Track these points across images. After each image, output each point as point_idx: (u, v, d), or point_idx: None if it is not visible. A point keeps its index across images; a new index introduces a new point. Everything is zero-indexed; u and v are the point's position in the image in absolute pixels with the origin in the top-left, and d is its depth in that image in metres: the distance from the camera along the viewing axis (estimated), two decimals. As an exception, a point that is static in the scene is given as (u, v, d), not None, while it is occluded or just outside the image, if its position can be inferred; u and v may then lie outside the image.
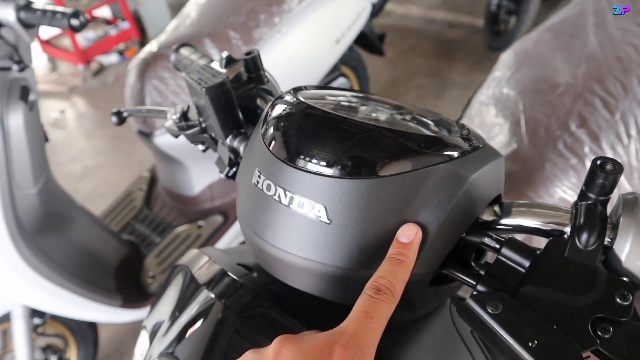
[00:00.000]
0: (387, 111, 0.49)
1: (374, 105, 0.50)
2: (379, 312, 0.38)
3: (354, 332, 0.37)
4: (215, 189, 1.98)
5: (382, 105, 0.50)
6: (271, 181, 0.44)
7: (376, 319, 0.38)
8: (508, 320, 0.38)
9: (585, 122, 1.09)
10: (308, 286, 0.47)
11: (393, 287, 0.40)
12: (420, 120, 0.48)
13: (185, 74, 0.61)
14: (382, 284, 0.40)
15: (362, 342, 0.36)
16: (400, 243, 0.42)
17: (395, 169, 0.41)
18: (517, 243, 0.43)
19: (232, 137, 0.60)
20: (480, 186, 0.45)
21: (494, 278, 0.42)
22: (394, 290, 0.40)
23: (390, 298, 0.39)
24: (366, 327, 0.37)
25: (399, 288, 0.40)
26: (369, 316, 0.38)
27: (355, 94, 0.53)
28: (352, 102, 0.50)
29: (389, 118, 0.47)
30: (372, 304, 0.39)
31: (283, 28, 1.83)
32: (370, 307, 0.38)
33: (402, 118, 0.48)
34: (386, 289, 0.39)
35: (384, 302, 0.39)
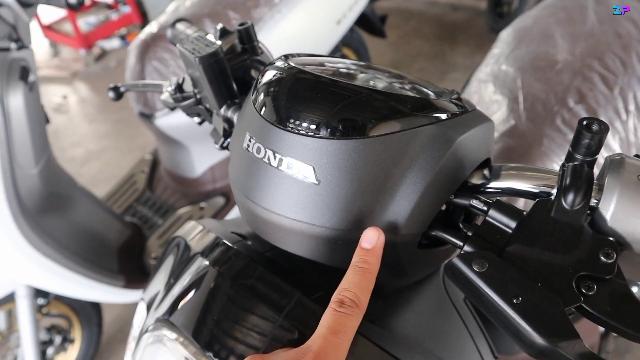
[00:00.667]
0: (377, 76, 0.49)
1: (363, 70, 0.51)
2: (344, 327, 0.38)
3: (319, 350, 0.37)
4: (217, 171, 1.99)
5: (372, 71, 0.51)
6: (261, 144, 0.45)
7: (341, 333, 0.38)
8: (493, 278, 0.38)
9: (583, 97, 1.08)
10: (298, 248, 0.47)
11: (358, 299, 0.40)
12: (410, 85, 0.49)
13: (179, 45, 0.61)
14: (346, 296, 0.40)
15: (328, 358, 0.37)
16: (363, 250, 0.42)
17: (383, 130, 0.41)
18: (504, 204, 0.43)
19: (226, 107, 0.61)
20: (468, 148, 0.45)
21: (480, 238, 0.42)
22: (358, 302, 0.40)
23: (355, 310, 0.39)
24: (332, 343, 0.37)
25: (364, 299, 0.40)
26: (334, 331, 0.38)
27: (345, 61, 0.54)
28: (342, 67, 0.51)
29: (378, 82, 0.48)
30: (337, 318, 0.39)
31: (283, 8, 1.82)
32: (335, 322, 0.39)
33: (391, 82, 0.48)
34: (350, 302, 0.40)
35: (348, 315, 0.39)
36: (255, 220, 0.49)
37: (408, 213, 0.43)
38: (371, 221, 0.43)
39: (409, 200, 0.42)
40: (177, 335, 0.52)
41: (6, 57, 1.30)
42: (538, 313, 0.36)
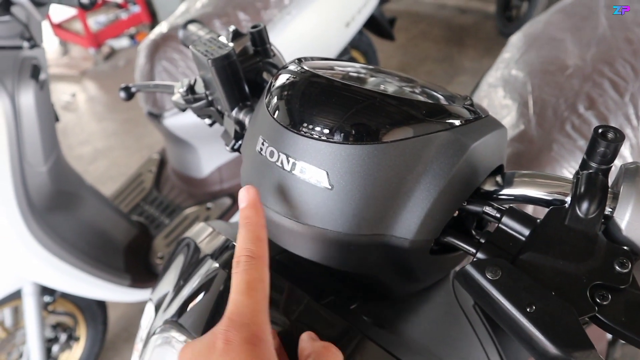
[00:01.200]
0: (390, 80, 0.49)
1: (376, 75, 0.50)
2: (249, 282, 0.38)
3: (231, 314, 0.36)
4: (224, 172, 1.99)
5: (385, 76, 0.51)
6: (274, 148, 0.45)
7: (249, 289, 0.37)
8: (507, 286, 0.38)
9: (593, 103, 1.08)
10: (310, 253, 0.47)
11: (250, 252, 0.39)
12: (423, 90, 0.49)
13: (191, 47, 0.61)
14: (239, 254, 0.40)
15: (243, 318, 0.36)
16: (241, 209, 0.42)
17: (397, 135, 0.41)
18: (518, 212, 0.43)
19: (237, 110, 0.61)
20: (482, 155, 0.45)
21: (493, 245, 0.42)
22: (252, 253, 0.39)
23: (252, 262, 0.39)
24: (242, 302, 0.37)
25: (257, 248, 0.40)
26: (240, 291, 0.37)
27: (358, 65, 0.54)
28: (355, 72, 0.50)
29: (391, 87, 0.47)
30: (238, 277, 0.38)
31: (293, 10, 1.83)
32: (238, 282, 0.38)
33: (404, 87, 0.48)
34: (245, 257, 0.39)
35: (248, 270, 0.38)
36: (267, 225, 0.48)
37: (421, 219, 0.42)
38: (384, 226, 0.43)
39: (422, 206, 0.42)
40: (185, 338, 0.52)
41: (18, 56, 1.31)
42: (552, 322, 0.36)
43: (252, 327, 0.35)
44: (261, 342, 0.35)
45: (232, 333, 0.35)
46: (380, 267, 0.47)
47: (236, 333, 0.35)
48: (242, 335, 0.35)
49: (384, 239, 0.43)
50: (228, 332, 0.35)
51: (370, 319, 0.49)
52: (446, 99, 0.48)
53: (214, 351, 0.34)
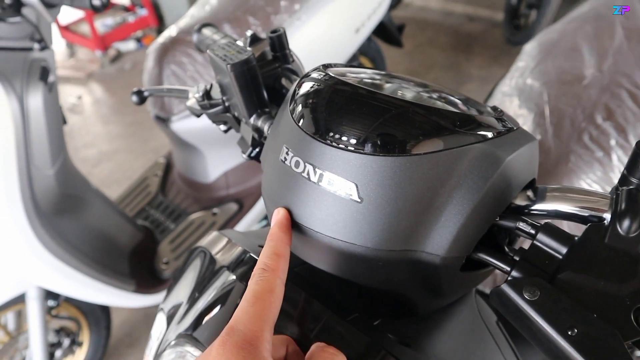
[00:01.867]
0: (418, 89, 0.47)
1: (403, 83, 0.49)
2: (259, 293, 0.39)
3: (232, 322, 0.37)
4: (231, 177, 1.97)
5: (411, 84, 0.49)
6: (300, 157, 0.43)
7: (258, 299, 0.38)
8: (546, 307, 0.36)
9: (611, 114, 1.06)
10: (335, 267, 0.45)
11: (265, 265, 0.41)
12: (452, 100, 0.47)
13: (209, 51, 0.59)
14: (256, 267, 0.41)
15: (241, 325, 0.36)
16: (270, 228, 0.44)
17: (431, 147, 0.39)
18: (554, 228, 0.41)
19: (256, 116, 0.59)
20: (515, 169, 0.43)
21: (529, 264, 0.40)
22: (266, 267, 0.41)
23: (266, 274, 0.40)
24: (244, 310, 0.38)
25: (273, 262, 0.41)
26: (246, 300, 0.38)
27: (383, 72, 0.52)
28: (381, 79, 0.49)
29: (420, 96, 0.46)
30: (249, 289, 0.39)
31: (303, 15, 1.81)
32: (250, 293, 0.39)
33: (433, 96, 0.46)
34: (259, 270, 0.40)
35: (260, 282, 0.40)
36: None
37: (453, 235, 0.41)
38: (415, 242, 0.41)
39: (454, 221, 0.40)
40: (200, 352, 0.50)
41: (27, 57, 1.29)
42: (595, 346, 0.34)
43: (247, 334, 0.36)
44: (255, 350, 0.35)
45: (227, 338, 0.36)
46: (408, 283, 0.45)
47: (230, 338, 0.36)
48: (235, 340, 0.35)
49: (414, 255, 0.41)
50: (223, 337, 0.36)
51: (395, 336, 0.48)
52: (476, 110, 0.46)
53: (209, 355, 0.36)
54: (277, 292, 0.39)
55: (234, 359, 0.34)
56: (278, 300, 0.39)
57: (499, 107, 0.49)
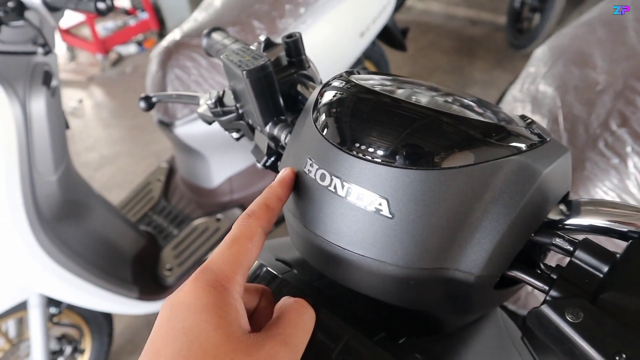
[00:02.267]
0: (448, 98, 0.45)
1: (432, 91, 0.46)
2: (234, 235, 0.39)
3: (207, 262, 0.37)
4: (235, 182, 1.95)
5: (442, 93, 0.47)
6: (326, 170, 0.41)
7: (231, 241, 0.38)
8: (590, 330, 0.34)
9: (626, 120, 1.04)
10: (363, 286, 0.43)
11: (250, 211, 0.41)
12: (480, 109, 0.45)
13: (223, 56, 0.57)
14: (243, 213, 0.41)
15: (215, 265, 0.37)
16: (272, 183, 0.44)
17: (466, 160, 0.37)
18: (593, 245, 0.39)
19: (272, 125, 0.57)
20: (552, 182, 0.41)
21: (568, 282, 0.38)
22: (251, 213, 0.41)
23: (247, 219, 0.40)
24: (220, 252, 0.38)
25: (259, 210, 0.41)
26: (223, 243, 0.38)
27: (410, 79, 0.50)
28: (410, 87, 0.46)
29: (452, 106, 0.43)
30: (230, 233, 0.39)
31: (308, 19, 1.80)
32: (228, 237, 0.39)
33: (464, 105, 0.44)
34: (243, 214, 0.41)
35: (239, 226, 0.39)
36: (314, 252, 0.44)
37: (489, 253, 0.38)
38: (448, 260, 0.39)
39: (490, 238, 0.38)
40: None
41: (30, 61, 1.27)
42: None
43: (220, 274, 0.36)
44: (225, 290, 0.35)
45: (200, 274, 0.36)
46: (437, 301, 0.43)
47: (203, 276, 0.36)
48: (207, 278, 0.36)
49: (447, 274, 0.39)
50: (197, 273, 0.36)
51: (421, 355, 0.45)
52: (507, 119, 0.44)
53: (181, 289, 0.36)
54: (255, 240, 0.39)
55: (204, 296, 0.34)
56: (256, 248, 0.39)
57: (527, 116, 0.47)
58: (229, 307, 0.35)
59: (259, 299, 0.43)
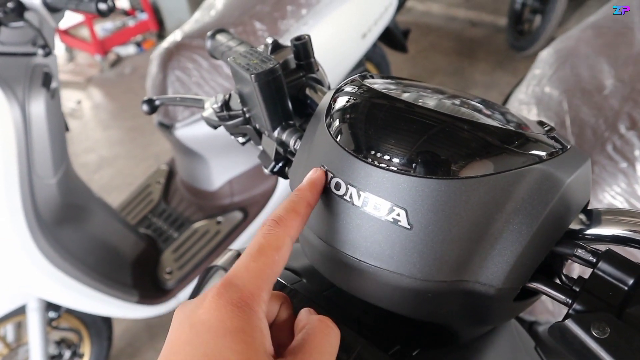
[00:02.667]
0: (466, 103, 0.44)
1: (451, 96, 0.45)
2: (260, 245, 0.35)
3: (230, 274, 0.34)
4: (236, 185, 1.94)
5: (459, 98, 0.45)
6: (341, 179, 0.39)
7: (257, 252, 0.35)
8: (618, 346, 0.33)
9: (635, 123, 1.03)
10: (378, 298, 0.42)
11: (278, 217, 0.37)
12: (499, 115, 0.43)
13: (230, 60, 0.56)
14: (267, 219, 0.37)
15: (239, 280, 0.33)
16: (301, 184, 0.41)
17: (487, 169, 0.36)
18: (617, 256, 0.37)
19: (280, 129, 0.55)
20: (574, 191, 0.39)
21: (592, 296, 0.36)
22: (279, 220, 0.37)
23: (275, 227, 0.36)
24: (244, 264, 0.34)
25: (288, 217, 0.37)
26: (248, 253, 0.35)
27: (425, 84, 0.48)
28: (427, 92, 0.45)
29: (472, 112, 0.42)
30: (254, 241, 0.36)
31: (310, 20, 1.78)
32: (251, 245, 0.36)
33: (483, 111, 0.43)
34: (270, 221, 0.37)
35: (265, 234, 0.36)
36: (327, 263, 0.43)
37: (511, 265, 0.37)
38: (468, 272, 0.37)
39: (512, 249, 0.37)
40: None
41: (29, 63, 1.26)
42: None
43: (244, 291, 0.33)
44: (250, 310, 0.32)
45: (223, 290, 0.33)
46: (455, 314, 0.41)
47: (226, 292, 0.32)
48: (231, 295, 0.32)
49: (467, 286, 0.38)
50: (220, 289, 0.33)
51: None
52: (526, 126, 0.43)
53: (201, 306, 0.32)
54: (283, 251, 0.36)
55: (228, 318, 0.31)
56: (282, 260, 0.36)
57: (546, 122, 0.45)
58: (254, 330, 0.32)
59: (278, 308, 0.40)
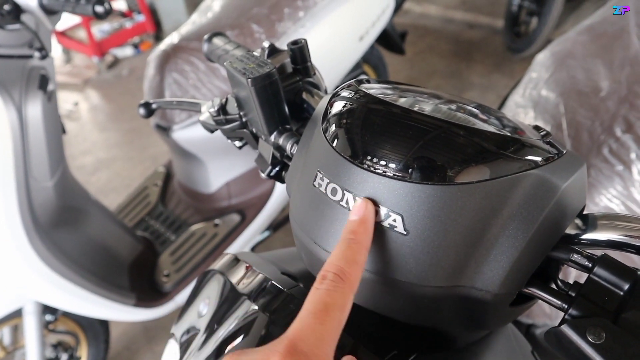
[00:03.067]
0: (462, 108, 0.44)
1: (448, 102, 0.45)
2: (326, 305, 0.32)
3: (294, 336, 0.31)
4: (233, 187, 1.93)
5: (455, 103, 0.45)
6: (337, 184, 0.39)
7: (323, 313, 0.32)
8: (613, 351, 0.33)
9: (631, 127, 1.03)
10: (375, 304, 0.42)
11: (342, 272, 0.34)
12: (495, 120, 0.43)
13: (227, 64, 0.56)
14: (327, 270, 0.34)
15: (305, 345, 0.30)
16: (350, 221, 0.37)
17: (483, 175, 0.36)
18: (613, 261, 0.37)
19: (277, 134, 0.55)
20: (570, 196, 0.40)
21: (588, 301, 0.37)
22: (343, 275, 0.34)
23: (340, 284, 0.33)
24: (310, 326, 0.31)
25: (351, 271, 0.35)
26: (312, 312, 0.32)
27: (422, 89, 0.48)
28: (423, 98, 0.45)
29: (468, 117, 0.42)
30: (317, 296, 0.33)
31: (307, 23, 1.78)
32: (315, 301, 0.33)
33: (479, 117, 0.43)
34: (333, 275, 0.34)
35: (330, 292, 0.33)
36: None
37: (507, 270, 0.37)
38: (465, 278, 0.37)
39: (508, 255, 0.37)
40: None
41: (26, 65, 1.26)
42: None
43: (312, 358, 0.30)
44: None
45: (288, 356, 0.30)
46: (452, 319, 0.41)
47: (292, 358, 0.30)
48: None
49: (463, 291, 0.38)
50: (284, 353, 0.30)
51: None
52: (522, 131, 0.43)
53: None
54: (347, 309, 0.33)
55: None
56: (345, 319, 0.33)
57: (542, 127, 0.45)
58: None
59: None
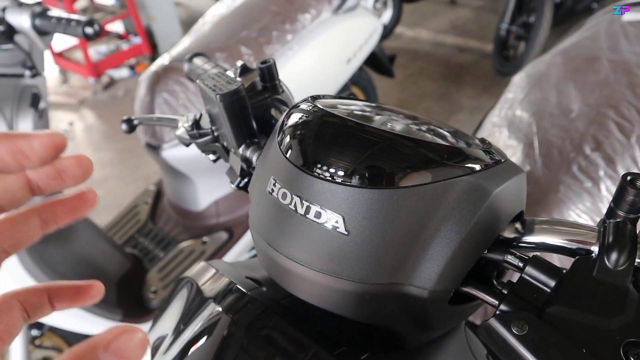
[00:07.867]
0: (406, 121, 0.48)
1: (391, 115, 0.49)
2: None
3: None
4: (221, 205, 1.96)
5: (400, 116, 0.49)
6: (287, 189, 0.42)
7: None
8: (534, 342, 0.36)
9: (600, 145, 1.07)
10: (322, 301, 0.45)
11: None
12: (439, 132, 0.47)
13: (199, 81, 0.59)
14: None
15: None
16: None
17: (418, 180, 0.39)
18: (542, 261, 0.41)
19: (244, 147, 0.59)
20: (504, 201, 0.43)
21: (517, 297, 0.40)
22: None
23: None
24: None
25: None
26: None
27: (372, 104, 0.52)
28: (370, 111, 0.49)
29: (408, 128, 0.46)
30: None
31: (295, 46, 1.83)
32: None
33: (421, 129, 0.46)
34: None
35: None
36: (276, 269, 0.46)
37: (441, 268, 0.40)
38: (402, 276, 0.40)
39: (442, 255, 0.40)
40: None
41: (18, 84, 1.29)
42: None
43: None
44: None
45: None
46: (395, 317, 0.44)
47: None
48: None
49: (402, 289, 0.41)
50: None
51: None
52: (464, 142, 0.46)
53: None
54: None
55: None
56: None
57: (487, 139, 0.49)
58: None
59: None
